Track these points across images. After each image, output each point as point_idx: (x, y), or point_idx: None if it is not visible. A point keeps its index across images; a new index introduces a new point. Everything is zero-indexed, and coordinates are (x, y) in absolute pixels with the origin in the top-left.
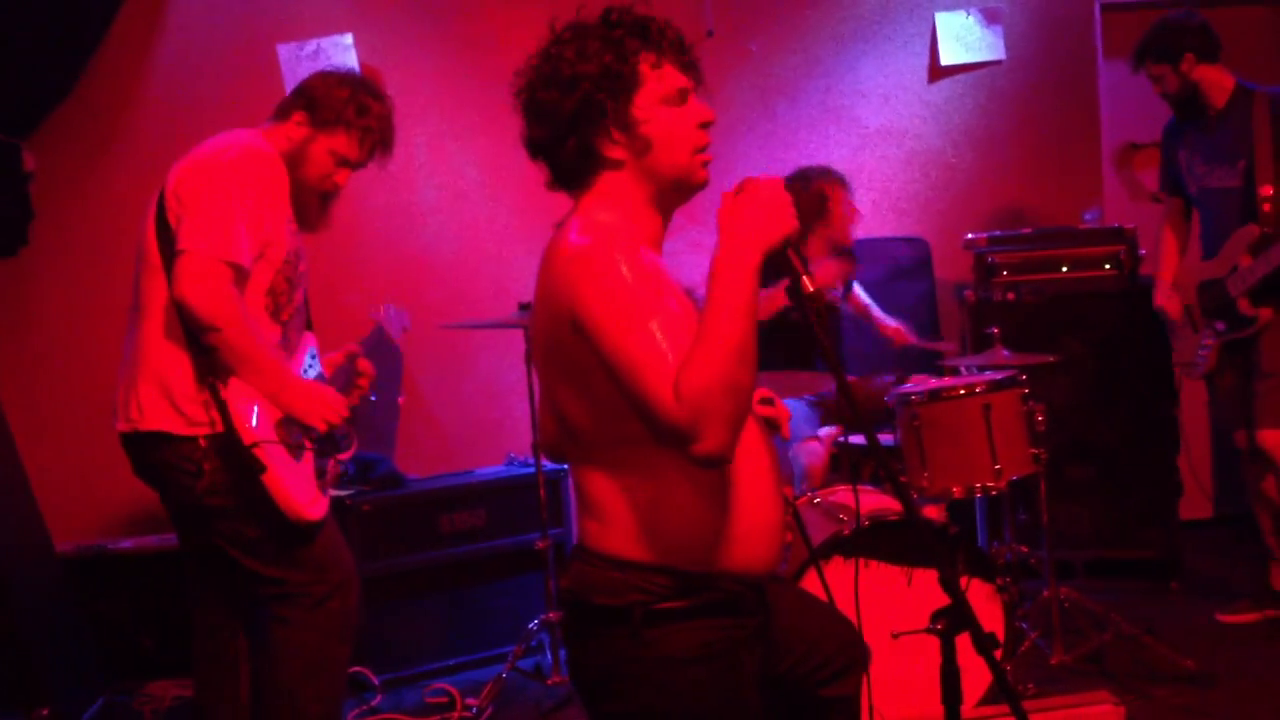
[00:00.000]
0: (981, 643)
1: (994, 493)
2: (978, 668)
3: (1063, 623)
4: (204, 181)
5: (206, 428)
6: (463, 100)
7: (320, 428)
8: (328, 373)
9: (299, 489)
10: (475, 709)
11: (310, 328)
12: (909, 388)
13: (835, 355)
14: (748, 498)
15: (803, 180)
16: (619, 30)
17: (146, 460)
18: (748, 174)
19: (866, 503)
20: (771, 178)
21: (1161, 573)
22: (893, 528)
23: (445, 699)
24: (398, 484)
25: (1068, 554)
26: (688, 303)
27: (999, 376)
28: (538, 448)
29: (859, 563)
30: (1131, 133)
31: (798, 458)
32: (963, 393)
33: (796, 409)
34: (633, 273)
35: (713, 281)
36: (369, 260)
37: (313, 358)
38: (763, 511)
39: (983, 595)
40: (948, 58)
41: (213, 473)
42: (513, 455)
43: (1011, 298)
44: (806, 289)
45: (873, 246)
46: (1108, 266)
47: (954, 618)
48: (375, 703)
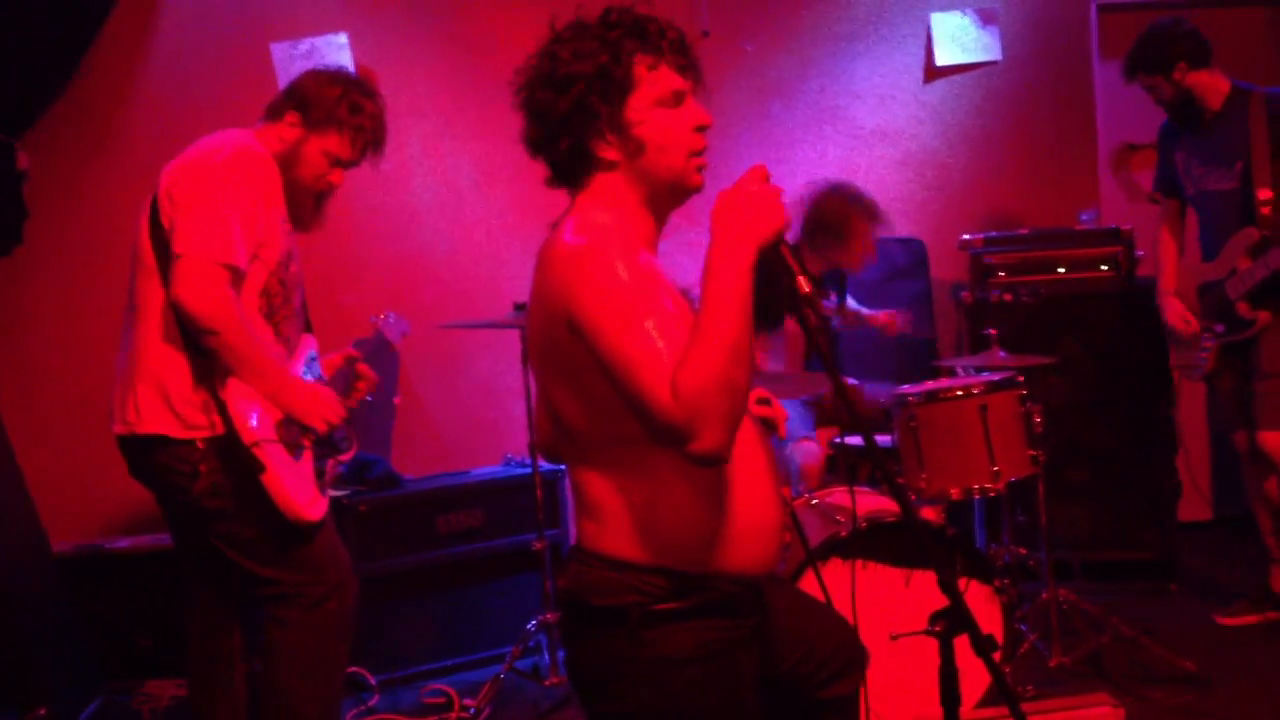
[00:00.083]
0: (980, 644)
1: (992, 494)
2: (976, 669)
3: (1061, 624)
4: (197, 183)
5: (205, 430)
6: (458, 100)
7: (320, 429)
8: (327, 375)
9: (298, 489)
10: (473, 709)
11: (309, 330)
12: (906, 389)
13: (832, 356)
14: (745, 498)
15: (835, 194)
16: (616, 31)
17: (143, 462)
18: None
19: (864, 504)
20: (756, 170)
21: (1160, 574)
22: (890, 529)
23: (443, 699)
24: (394, 484)
25: (1066, 555)
26: (683, 303)
27: (996, 378)
28: (534, 448)
29: (857, 564)
30: (1128, 133)
31: (793, 457)
32: (960, 394)
33: (792, 410)
34: (628, 272)
35: (707, 280)
36: (365, 260)
37: (312, 360)
38: (760, 512)
39: (981, 597)
40: (943, 58)
41: (209, 474)
42: (509, 455)
43: (1008, 299)
44: (802, 289)
45: None
46: (1105, 267)
47: (952, 619)
48: (372, 703)
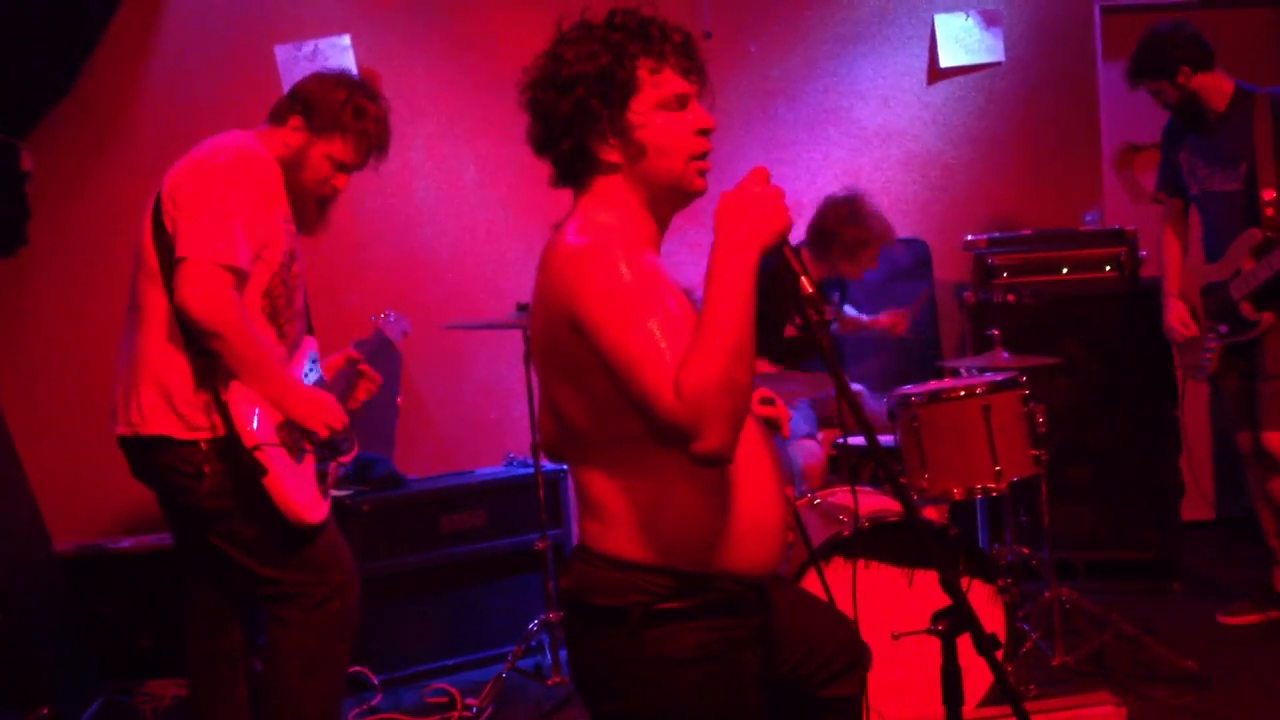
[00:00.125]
0: (983, 643)
1: (994, 494)
2: (979, 668)
3: (1064, 624)
4: (199, 186)
5: (207, 432)
6: (461, 101)
7: (322, 434)
8: (328, 376)
9: (300, 492)
10: (475, 709)
11: (311, 331)
12: (909, 389)
13: (834, 356)
14: (749, 498)
15: (859, 212)
16: (619, 33)
17: (146, 463)
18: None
19: (867, 504)
20: (758, 171)
21: (1162, 574)
22: (893, 529)
23: (445, 699)
24: (397, 484)
25: (1069, 555)
26: (686, 303)
27: (999, 378)
28: (537, 448)
29: (859, 563)
30: (1131, 134)
31: (795, 457)
32: (963, 394)
33: (795, 410)
34: (631, 272)
35: (710, 280)
36: (368, 261)
37: (313, 362)
38: (764, 511)
39: (984, 596)
40: (947, 59)
41: (213, 475)
42: (512, 455)
43: (1012, 299)
44: (805, 290)
45: None
46: (1108, 268)
47: (955, 618)
48: (375, 702)
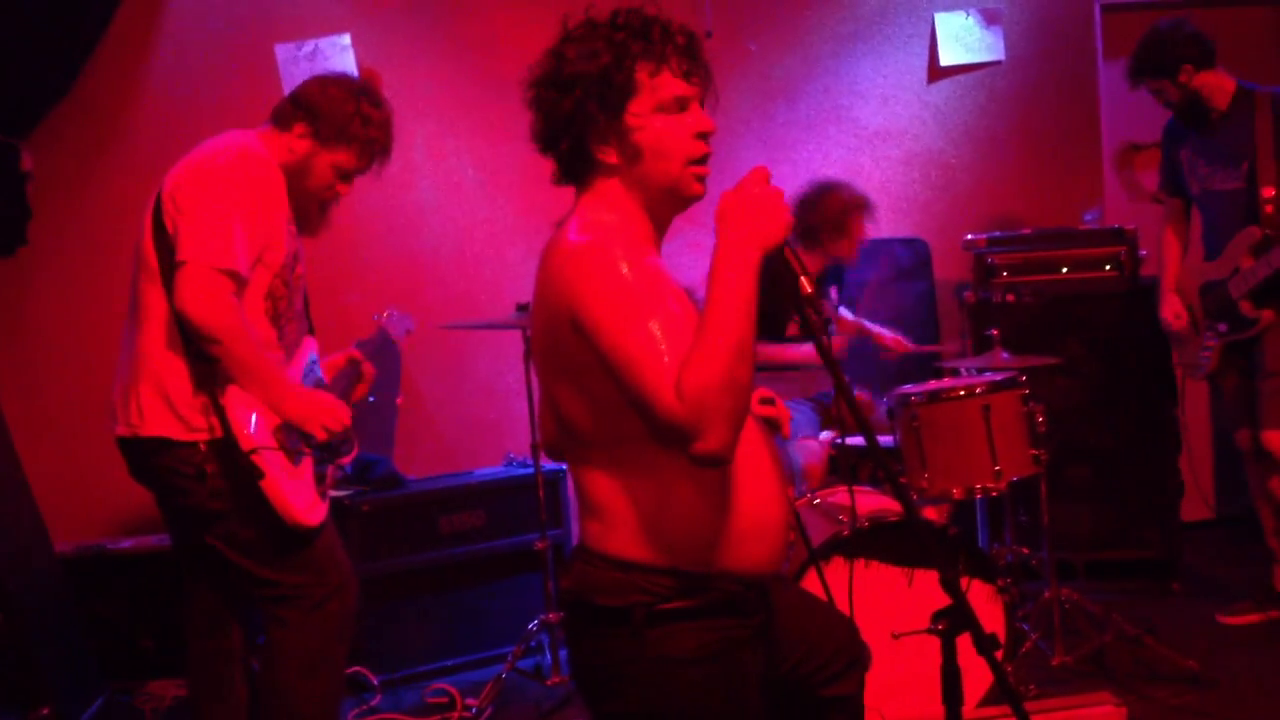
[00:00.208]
0: (982, 643)
1: (994, 494)
2: (979, 668)
3: (1063, 623)
4: (200, 188)
5: (206, 433)
6: (461, 100)
7: (320, 435)
8: (328, 377)
9: (297, 495)
10: (475, 709)
11: (311, 331)
12: (909, 388)
13: (833, 356)
14: (750, 497)
15: (830, 191)
16: (621, 33)
17: (145, 464)
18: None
19: (867, 504)
20: (758, 172)
21: (1162, 574)
22: (893, 529)
23: (445, 699)
24: (397, 484)
25: (1068, 555)
26: (687, 303)
27: (999, 378)
28: (536, 448)
29: (859, 563)
30: (1132, 133)
31: (796, 457)
32: (962, 394)
33: (794, 409)
34: (632, 271)
35: (713, 281)
36: (368, 261)
37: (313, 362)
38: (766, 511)
39: (984, 596)
40: (947, 58)
41: (213, 477)
42: (511, 455)
43: (1011, 299)
44: (805, 290)
45: (872, 247)
46: (1108, 267)
47: (955, 618)
48: (374, 703)
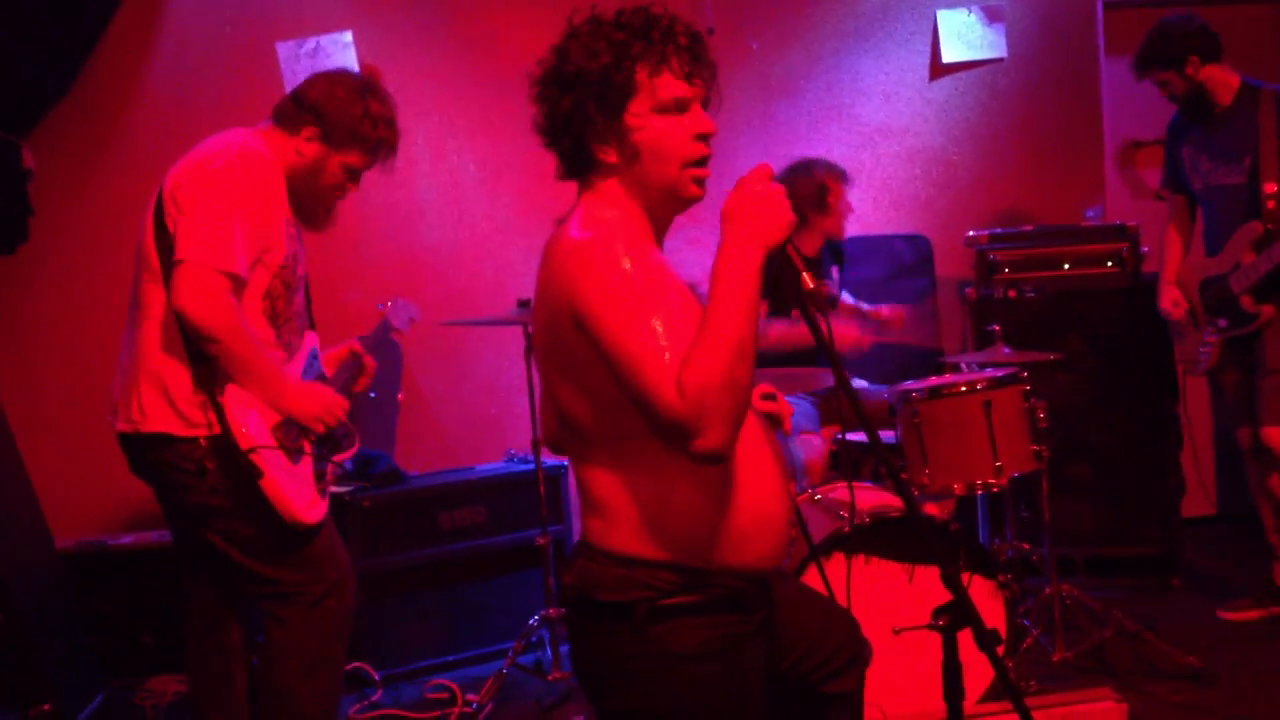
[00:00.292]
0: (983, 639)
1: (995, 490)
2: (980, 664)
3: (1064, 620)
4: (200, 188)
5: (205, 429)
6: (462, 97)
7: (319, 429)
8: (329, 371)
9: (297, 493)
10: (475, 705)
11: (313, 327)
12: (910, 385)
13: (835, 351)
14: (752, 493)
15: (805, 170)
16: (623, 33)
17: (146, 460)
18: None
19: (868, 500)
20: (760, 170)
21: (1163, 570)
22: (894, 525)
23: (446, 695)
24: (398, 480)
25: (1069, 551)
26: (691, 298)
27: (1000, 374)
28: (537, 444)
29: (858, 559)
30: (1134, 130)
31: (797, 453)
32: (964, 390)
33: (796, 405)
34: (634, 267)
35: (715, 279)
36: (369, 258)
37: (314, 358)
38: (767, 506)
39: (985, 592)
40: (949, 55)
41: (213, 473)
42: (512, 452)
43: (1013, 295)
44: (806, 286)
45: (873, 244)
46: (1110, 264)
47: (956, 614)
48: (375, 698)
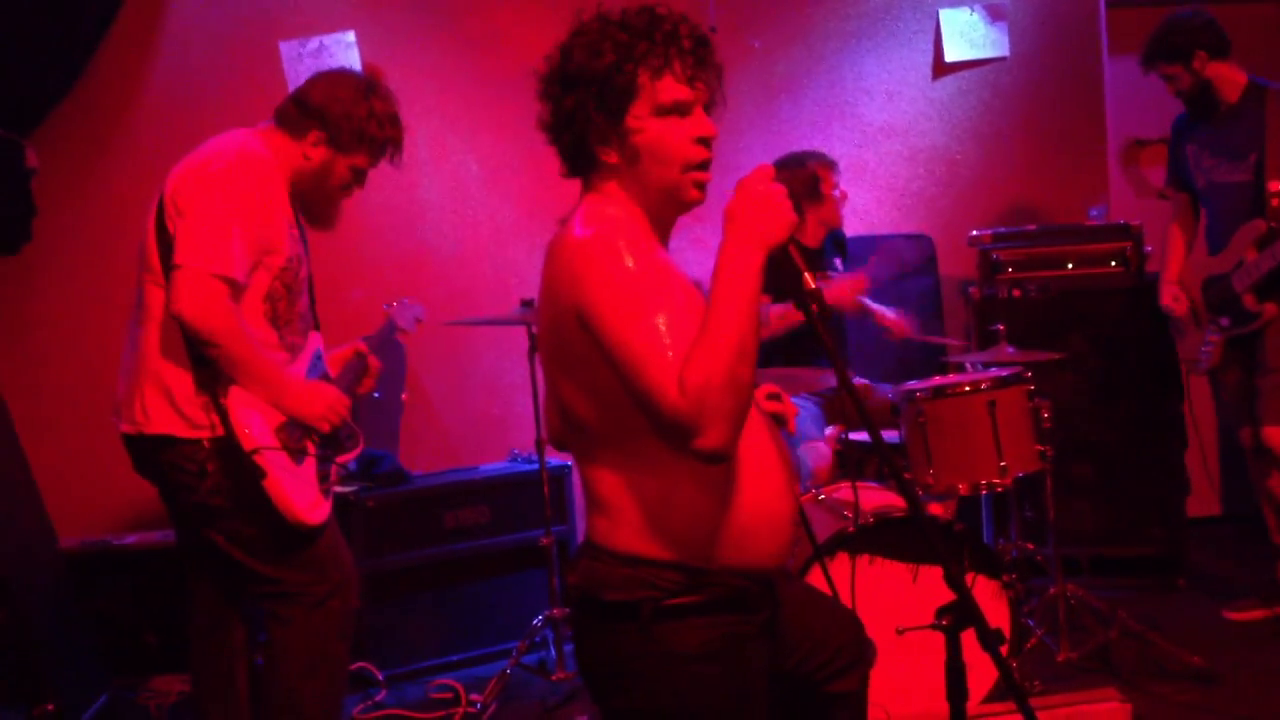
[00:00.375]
0: (987, 639)
1: (999, 490)
2: (984, 664)
3: (1069, 620)
4: (199, 192)
5: (208, 430)
6: (465, 97)
7: (324, 428)
8: (333, 371)
9: (300, 494)
10: (479, 704)
11: (317, 327)
12: (914, 384)
13: (838, 351)
14: (757, 492)
15: (796, 163)
16: (626, 33)
17: (150, 461)
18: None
19: (872, 499)
20: (762, 170)
21: (1167, 570)
22: (898, 525)
23: (449, 694)
24: (401, 480)
25: (1074, 551)
26: (696, 295)
27: (1004, 373)
28: (541, 444)
29: (862, 559)
30: (1137, 129)
31: (804, 459)
32: (968, 389)
33: (801, 407)
34: (637, 265)
35: (717, 280)
36: (372, 257)
37: (318, 359)
38: (772, 505)
39: (989, 592)
40: (952, 54)
41: (215, 474)
42: (516, 451)
43: (1017, 294)
44: (807, 285)
45: (876, 243)
46: (1113, 263)
47: (959, 614)
48: (379, 698)
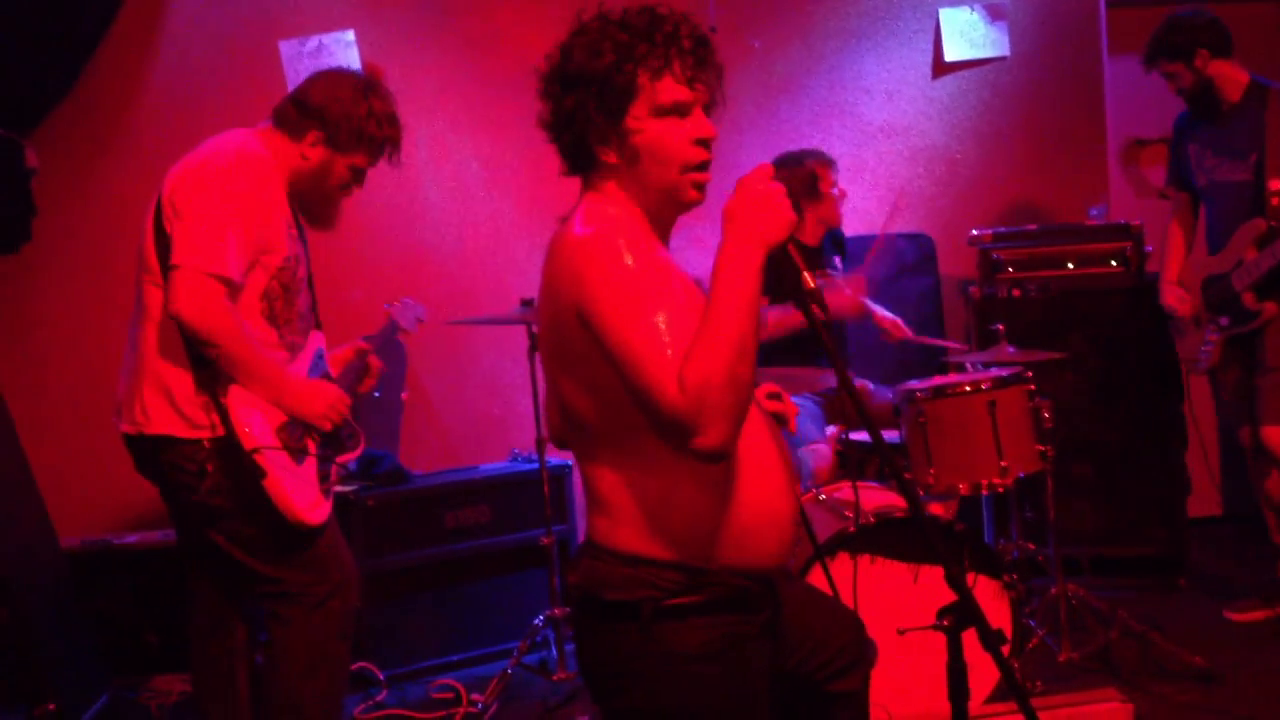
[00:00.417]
0: (988, 639)
1: (1000, 490)
2: (985, 664)
3: (1070, 620)
4: (196, 192)
5: (209, 430)
6: (465, 96)
7: (325, 426)
8: (334, 371)
9: (300, 493)
10: (480, 704)
11: (318, 326)
12: (914, 384)
13: (838, 351)
14: (757, 491)
15: (794, 162)
16: (626, 34)
17: (150, 460)
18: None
19: (872, 499)
20: (762, 170)
21: (1168, 570)
22: (899, 525)
23: (450, 694)
24: (402, 480)
25: (1074, 551)
26: (696, 293)
27: (1005, 373)
28: (541, 443)
29: (863, 559)
30: (1137, 129)
31: (806, 460)
32: (968, 389)
33: (802, 407)
34: (637, 263)
35: (716, 278)
36: (372, 257)
37: (319, 358)
38: (773, 505)
39: (990, 592)
40: (952, 54)
41: (215, 474)
42: (516, 451)
43: (1017, 294)
44: (807, 285)
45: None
46: (1114, 263)
47: (960, 614)
48: (380, 698)
